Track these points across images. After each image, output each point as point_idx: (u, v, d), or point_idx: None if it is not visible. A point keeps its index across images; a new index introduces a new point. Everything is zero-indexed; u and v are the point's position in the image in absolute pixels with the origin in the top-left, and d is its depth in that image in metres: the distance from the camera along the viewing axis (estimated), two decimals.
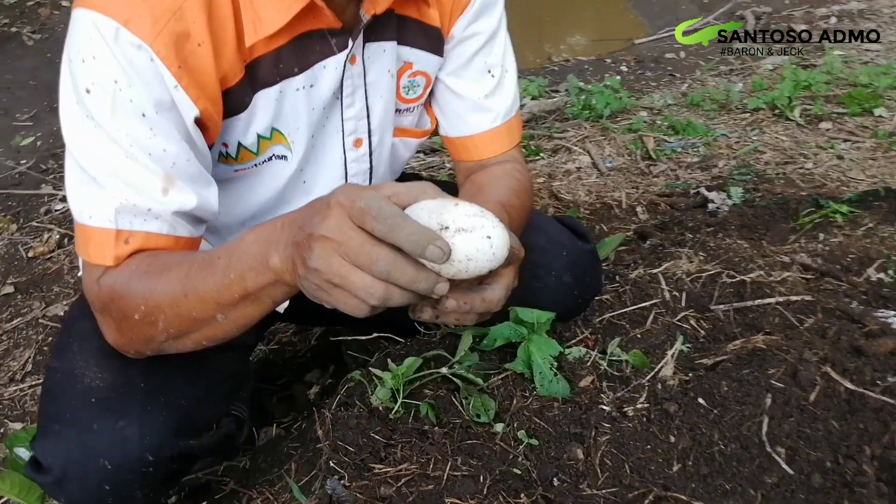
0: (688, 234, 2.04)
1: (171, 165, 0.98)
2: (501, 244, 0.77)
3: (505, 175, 1.30)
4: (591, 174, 2.67)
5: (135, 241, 0.98)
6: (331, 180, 1.25)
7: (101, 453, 1.01)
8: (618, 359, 1.28)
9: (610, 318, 1.39)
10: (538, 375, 1.22)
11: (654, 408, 1.15)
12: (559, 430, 1.13)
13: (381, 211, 0.73)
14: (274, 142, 1.15)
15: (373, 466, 1.08)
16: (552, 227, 1.41)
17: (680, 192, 2.49)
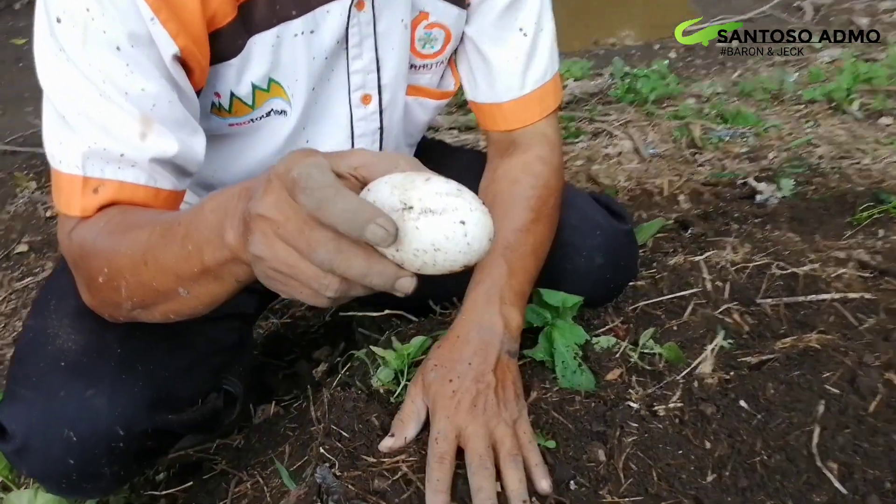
0: (733, 224, 1.90)
1: (150, 107, 0.88)
2: (480, 233, 0.60)
3: (523, 179, 1.17)
4: (633, 160, 2.53)
5: (106, 191, 0.87)
6: (336, 141, 1.13)
7: (66, 423, 0.92)
8: (650, 351, 1.15)
9: (644, 306, 1.26)
10: (560, 365, 1.09)
11: (688, 408, 1.02)
12: (580, 428, 1.00)
13: (310, 181, 0.58)
14: (272, 94, 1.04)
15: (367, 457, 0.97)
16: (585, 204, 1.28)
17: (726, 182, 2.33)
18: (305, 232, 0.60)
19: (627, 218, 1.32)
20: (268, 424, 1.30)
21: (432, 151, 1.44)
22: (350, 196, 0.58)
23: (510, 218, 1.12)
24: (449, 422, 0.94)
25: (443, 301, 1.31)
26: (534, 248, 1.11)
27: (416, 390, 1.00)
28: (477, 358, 0.98)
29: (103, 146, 0.86)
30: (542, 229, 1.13)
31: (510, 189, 1.15)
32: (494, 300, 1.04)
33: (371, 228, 0.56)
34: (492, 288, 1.05)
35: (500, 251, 1.08)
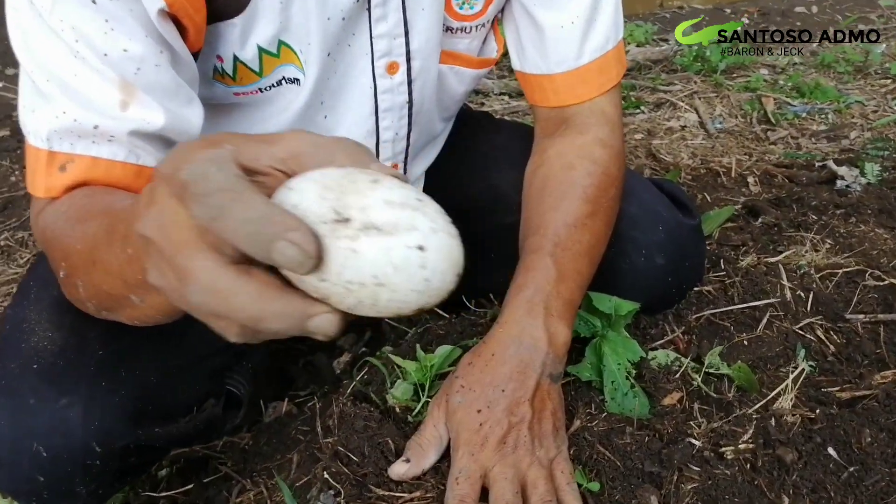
0: (811, 214, 1.68)
1: (133, 71, 0.73)
2: (443, 265, 0.43)
3: (579, 165, 0.99)
4: (698, 135, 2.31)
5: (75, 168, 0.73)
6: (358, 117, 0.97)
7: (35, 436, 0.79)
8: (716, 372, 0.98)
9: (710, 315, 1.09)
10: (609, 385, 0.93)
11: (762, 452, 0.85)
12: (629, 466, 0.84)
13: (203, 183, 0.42)
14: (283, 60, 0.88)
15: (376, 488, 0.83)
16: (647, 192, 1.11)
17: (802, 164, 2.11)
18: (178, 258, 0.43)
19: (695, 211, 1.14)
20: (279, 424, 1.17)
21: (473, 125, 1.27)
22: (255, 201, 0.41)
23: (563, 210, 0.95)
24: (473, 460, 0.79)
25: (478, 297, 1.16)
26: (588, 247, 0.94)
27: (438, 413, 0.85)
28: (512, 383, 0.83)
29: (73, 116, 0.72)
30: (600, 225, 0.96)
31: (564, 175, 0.98)
32: (538, 311, 0.88)
33: (279, 247, 0.40)
34: (536, 295, 0.89)
35: (548, 249, 0.92)
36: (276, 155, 0.46)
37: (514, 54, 1.06)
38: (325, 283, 0.42)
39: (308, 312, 0.42)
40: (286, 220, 0.41)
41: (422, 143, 1.10)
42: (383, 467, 0.85)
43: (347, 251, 0.41)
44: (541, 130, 1.08)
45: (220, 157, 0.43)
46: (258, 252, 0.41)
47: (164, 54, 0.75)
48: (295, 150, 0.46)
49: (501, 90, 2.59)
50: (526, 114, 2.47)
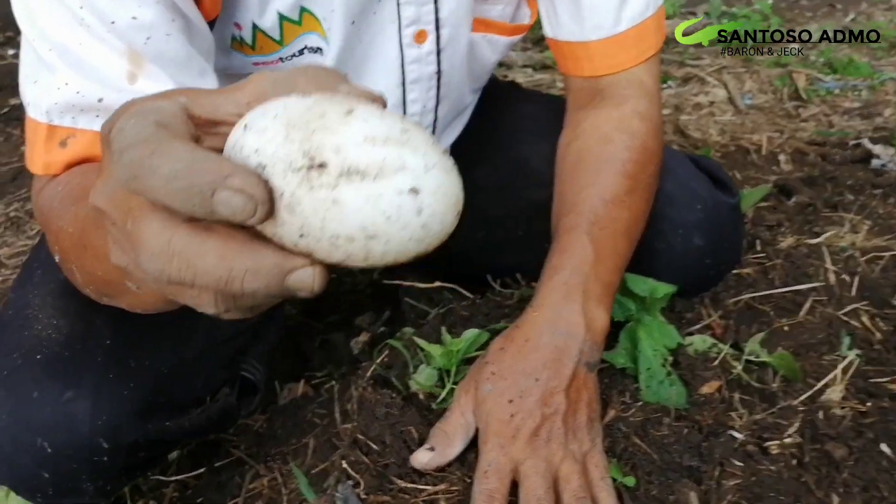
0: (847, 194, 1.62)
1: (143, 41, 0.67)
2: (440, 205, 0.37)
3: (617, 138, 0.93)
4: (727, 111, 2.24)
5: (76, 144, 0.68)
6: (384, 88, 0.91)
7: (38, 431, 0.74)
8: (757, 360, 0.92)
9: (749, 299, 1.03)
10: (645, 373, 0.88)
11: (809, 447, 0.80)
12: (667, 460, 0.79)
13: (119, 139, 0.36)
14: (305, 28, 0.82)
15: (398, 479, 0.78)
16: (684, 169, 1.05)
17: (835, 142, 2.04)
18: (128, 225, 0.38)
19: (734, 188, 1.08)
20: (294, 407, 1.13)
21: (500, 95, 1.21)
22: (178, 150, 0.35)
23: (600, 185, 0.89)
24: (503, 453, 0.74)
25: (504, 277, 1.10)
26: (627, 225, 0.89)
27: (466, 399, 0.80)
28: (547, 371, 0.78)
29: (76, 88, 0.67)
30: (639, 202, 0.91)
31: (600, 149, 0.92)
32: (576, 294, 0.82)
33: (221, 198, 0.35)
34: (573, 276, 0.83)
35: (585, 227, 0.86)
36: (237, 100, 0.40)
37: (546, 20, 1.00)
38: (305, 238, 0.37)
39: (285, 266, 0.37)
40: (219, 165, 0.35)
41: (451, 116, 1.04)
42: (406, 457, 0.80)
43: (327, 202, 0.35)
44: (573, 102, 1.02)
45: (151, 109, 0.37)
46: (196, 209, 0.35)
47: (175, 22, 0.70)
48: (258, 93, 0.40)
49: (525, 62, 2.52)
50: (550, 87, 2.40)
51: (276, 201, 0.36)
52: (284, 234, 0.37)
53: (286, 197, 0.36)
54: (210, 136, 0.41)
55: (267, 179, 0.36)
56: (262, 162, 0.36)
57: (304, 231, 0.36)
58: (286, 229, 0.37)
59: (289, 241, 0.37)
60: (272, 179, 0.36)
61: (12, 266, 1.62)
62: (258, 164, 0.37)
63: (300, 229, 0.36)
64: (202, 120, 0.40)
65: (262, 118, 0.37)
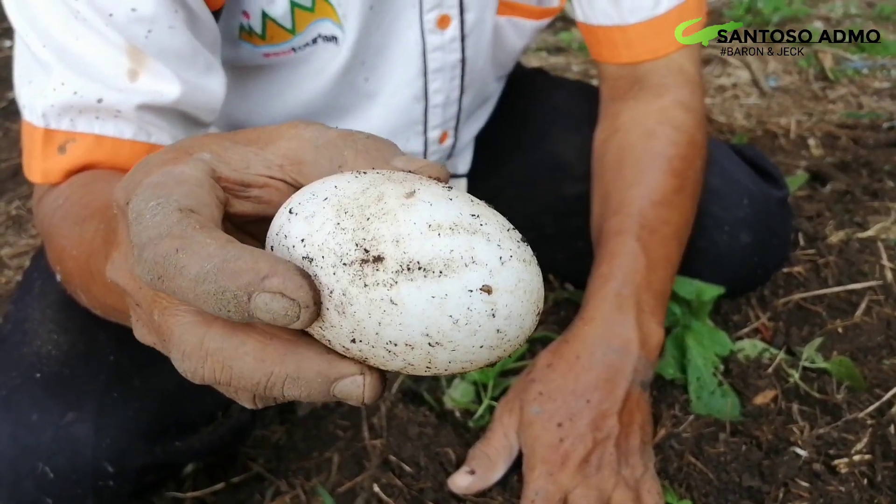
0: (887, 180, 1.55)
1: (144, 35, 0.61)
2: (520, 307, 0.31)
3: (661, 132, 0.86)
4: (751, 93, 2.16)
5: (76, 149, 0.63)
6: (404, 78, 0.84)
7: (39, 455, 0.69)
8: (812, 365, 0.86)
9: (799, 299, 0.96)
10: (695, 383, 0.82)
11: (881, 464, 0.73)
12: (725, 480, 0.73)
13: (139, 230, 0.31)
14: (318, 14, 0.75)
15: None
16: (728, 161, 0.97)
17: (866, 125, 1.96)
18: (155, 315, 0.33)
19: (782, 180, 1.01)
20: (314, 418, 1.07)
21: (527, 83, 1.13)
22: (207, 246, 0.30)
23: (647, 185, 0.82)
24: (551, 481, 0.68)
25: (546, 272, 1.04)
26: (677, 228, 0.82)
27: (509, 420, 0.74)
28: (599, 393, 0.71)
29: (73, 88, 0.61)
30: (687, 202, 0.84)
31: (644, 145, 0.85)
32: (629, 306, 0.76)
33: (258, 303, 0.29)
34: (625, 287, 0.77)
35: (634, 231, 0.79)
36: (270, 161, 0.35)
37: (577, 3, 0.92)
38: (358, 344, 0.31)
39: (331, 375, 0.31)
40: (255, 263, 0.29)
41: (475, 105, 0.97)
42: (443, 481, 0.74)
43: (384, 303, 0.30)
44: (609, 92, 0.94)
45: (173, 184, 0.32)
46: (231, 314, 0.30)
47: (178, 14, 0.63)
48: (293, 154, 0.35)
49: (539, 45, 2.44)
50: (565, 71, 2.32)
51: (324, 301, 0.31)
52: (333, 338, 0.31)
53: (336, 296, 0.30)
54: (240, 199, 0.35)
55: (314, 275, 0.31)
56: (310, 254, 0.31)
57: (357, 336, 0.31)
58: (335, 333, 0.31)
59: (338, 345, 0.31)
60: (320, 275, 0.31)
61: (15, 266, 1.56)
62: (305, 255, 0.31)
63: (352, 334, 0.31)
64: (230, 181, 0.34)
65: (310, 201, 0.32)
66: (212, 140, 0.35)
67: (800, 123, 1.97)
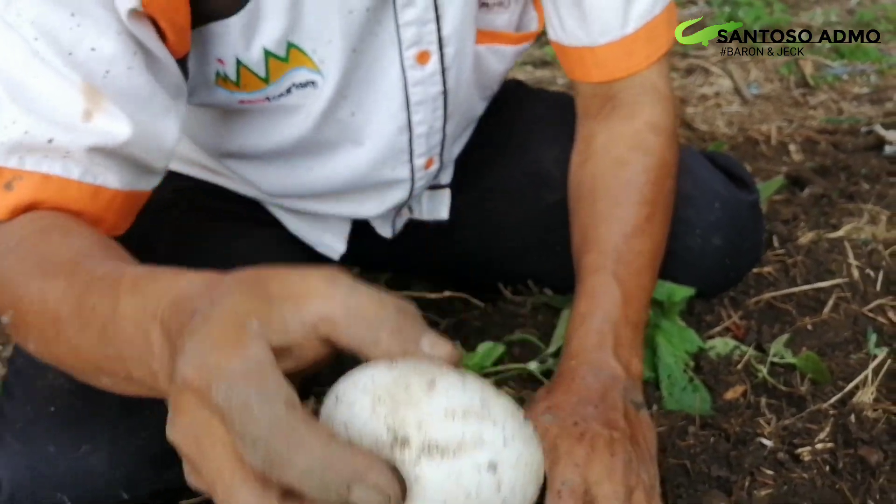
0: (863, 183, 1.59)
1: (102, 74, 0.64)
2: (521, 479, 0.39)
3: (632, 160, 0.90)
4: (733, 101, 2.21)
5: (23, 187, 0.64)
6: (389, 112, 0.87)
7: (57, 486, 0.73)
8: (782, 361, 0.90)
9: (770, 298, 1.00)
10: (666, 380, 0.86)
11: (842, 451, 0.77)
12: (695, 471, 0.77)
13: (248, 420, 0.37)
14: (292, 64, 0.78)
15: None
16: (701, 167, 1.01)
17: (845, 129, 2.01)
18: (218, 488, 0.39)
19: (752, 185, 1.05)
20: None
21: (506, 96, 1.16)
22: (314, 444, 0.36)
23: (619, 218, 0.86)
24: (578, 472, 0.69)
25: (516, 284, 1.08)
26: (651, 256, 0.86)
27: None
28: (602, 403, 0.74)
29: (24, 128, 0.63)
30: (660, 227, 0.88)
31: (616, 174, 0.89)
32: (608, 342, 0.79)
33: (356, 494, 0.36)
34: (604, 324, 0.80)
35: (610, 268, 0.83)
36: (306, 321, 0.41)
37: (549, 24, 0.95)
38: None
39: None
40: (354, 459, 0.37)
41: (461, 128, 1.00)
42: None
43: (410, 479, 0.38)
44: (583, 109, 0.98)
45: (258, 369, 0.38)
46: (330, 499, 0.37)
47: (137, 56, 0.66)
48: (328, 315, 0.41)
49: (525, 59, 2.49)
50: (550, 84, 2.37)
51: None
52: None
53: None
54: (284, 358, 0.41)
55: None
56: (352, 436, 0.39)
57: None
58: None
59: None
60: None
61: None
62: (349, 438, 0.39)
63: None
64: (277, 349, 0.40)
65: (352, 390, 0.40)
66: (251, 299, 0.41)
67: (780, 130, 2.02)
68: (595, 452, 0.70)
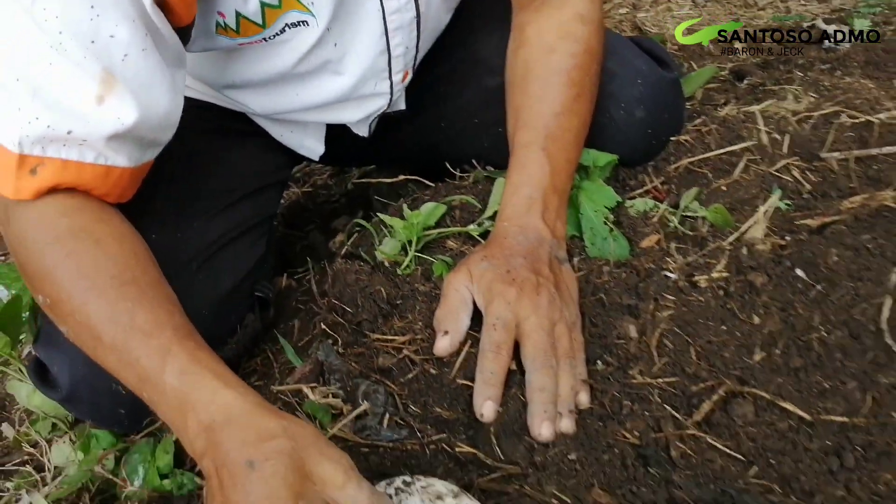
0: (797, 71, 1.68)
1: (120, 59, 0.73)
2: None
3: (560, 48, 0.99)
4: (684, 5, 2.28)
5: (46, 172, 0.74)
6: (369, 40, 0.97)
7: (112, 378, 0.83)
8: (693, 215, 1.01)
9: (688, 164, 1.11)
10: (589, 232, 0.97)
11: (734, 278, 0.89)
12: (609, 301, 0.89)
13: None
14: (285, 8, 0.88)
15: (370, 333, 0.87)
16: (626, 50, 1.11)
17: (790, 27, 2.09)
18: None
19: (673, 65, 1.15)
20: (279, 298, 1.22)
21: None
22: None
23: (549, 99, 0.96)
24: (509, 308, 0.82)
25: (463, 164, 1.18)
26: (577, 132, 0.97)
27: (458, 279, 0.87)
28: (530, 256, 0.86)
29: (46, 122, 0.72)
30: (586, 105, 0.98)
31: (546, 60, 0.99)
32: (536, 207, 0.91)
33: None
34: (534, 192, 0.92)
35: (540, 143, 0.94)
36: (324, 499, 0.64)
37: None
38: None
39: None
40: None
41: (430, 41, 1.11)
42: (377, 314, 0.89)
43: None
44: (518, 2, 1.07)
45: None
46: None
47: (148, 38, 0.75)
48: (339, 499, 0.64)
49: None
50: None
51: None
52: None
53: None
54: None
55: None
56: None
57: None
58: None
59: None
60: None
61: None
62: None
63: None
64: None
65: None
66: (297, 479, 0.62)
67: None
68: (524, 293, 0.83)
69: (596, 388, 0.82)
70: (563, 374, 0.81)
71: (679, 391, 0.82)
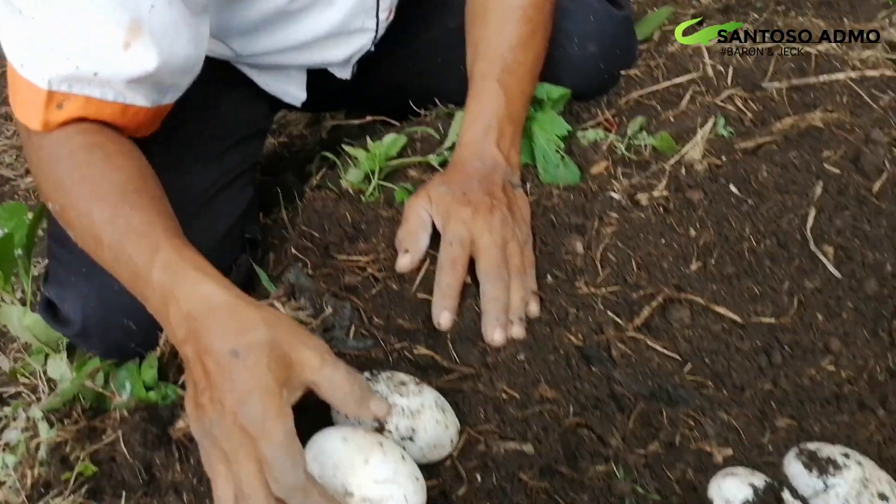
0: (753, 14, 1.74)
1: (148, 8, 0.78)
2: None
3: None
4: None
5: (70, 106, 0.80)
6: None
7: (124, 314, 0.89)
8: (640, 143, 1.07)
9: (638, 97, 1.17)
10: (541, 159, 1.03)
11: (674, 196, 0.96)
12: (558, 221, 0.96)
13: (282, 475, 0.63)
14: None
15: (337, 255, 0.94)
16: None
17: None
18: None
19: (624, 3, 1.20)
20: None
21: None
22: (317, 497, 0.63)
23: (505, 34, 1.01)
24: (465, 227, 0.89)
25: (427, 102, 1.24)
26: (532, 65, 1.02)
27: (418, 202, 0.94)
28: (485, 181, 0.93)
29: (76, 64, 0.78)
30: (540, 41, 1.03)
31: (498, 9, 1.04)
32: (492, 136, 0.97)
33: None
34: (490, 121, 0.97)
35: (496, 75, 0.99)
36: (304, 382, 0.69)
37: None
38: None
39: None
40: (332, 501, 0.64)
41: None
42: (343, 237, 0.96)
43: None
44: None
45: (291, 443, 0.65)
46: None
47: None
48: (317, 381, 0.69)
49: None
50: None
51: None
52: None
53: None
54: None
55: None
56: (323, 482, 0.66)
57: None
58: None
59: None
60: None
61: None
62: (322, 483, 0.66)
63: None
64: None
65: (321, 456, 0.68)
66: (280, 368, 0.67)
67: None
68: (478, 213, 0.90)
69: (545, 298, 0.89)
70: (515, 286, 0.88)
71: (621, 299, 0.89)
